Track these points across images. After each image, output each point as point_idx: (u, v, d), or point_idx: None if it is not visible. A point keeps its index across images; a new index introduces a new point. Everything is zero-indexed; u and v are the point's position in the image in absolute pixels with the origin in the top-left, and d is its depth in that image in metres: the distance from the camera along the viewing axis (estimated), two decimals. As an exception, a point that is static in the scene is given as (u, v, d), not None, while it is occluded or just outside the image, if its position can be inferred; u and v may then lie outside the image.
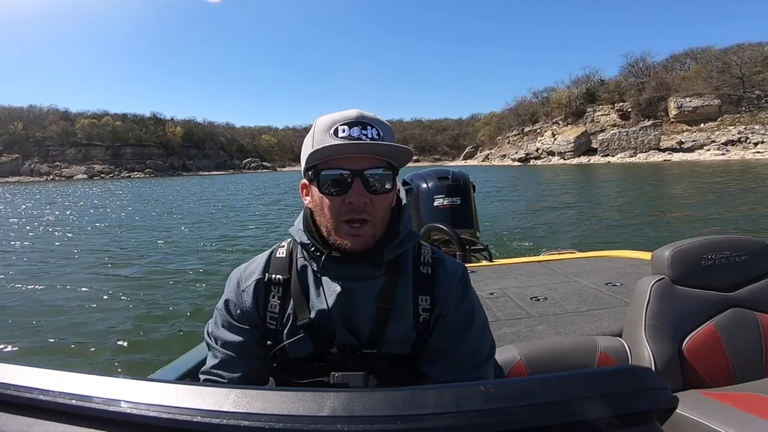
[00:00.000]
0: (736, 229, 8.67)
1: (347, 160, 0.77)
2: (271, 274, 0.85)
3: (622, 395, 0.35)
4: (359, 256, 0.80)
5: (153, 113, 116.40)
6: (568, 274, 2.70)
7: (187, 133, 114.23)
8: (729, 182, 20.15)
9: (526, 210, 13.43)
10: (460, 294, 0.86)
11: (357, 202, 0.76)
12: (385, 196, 0.79)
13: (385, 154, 0.78)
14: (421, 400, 0.34)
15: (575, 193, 19.95)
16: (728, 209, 11.70)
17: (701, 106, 59.71)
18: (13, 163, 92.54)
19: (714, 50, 66.66)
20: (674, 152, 58.88)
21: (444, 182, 3.53)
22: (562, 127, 74.05)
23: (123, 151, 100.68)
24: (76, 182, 75.65)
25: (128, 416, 0.35)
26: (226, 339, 0.85)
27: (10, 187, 59.96)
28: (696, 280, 1.46)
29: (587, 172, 41.80)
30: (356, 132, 0.76)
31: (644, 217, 11.35)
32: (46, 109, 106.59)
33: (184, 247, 9.24)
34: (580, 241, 7.71)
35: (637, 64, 72.71)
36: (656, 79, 67.53)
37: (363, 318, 0.81)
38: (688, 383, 1.37)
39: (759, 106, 56.58)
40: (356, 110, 0.79)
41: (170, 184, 52.46)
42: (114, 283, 6.16)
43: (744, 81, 59.47)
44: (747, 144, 54.36)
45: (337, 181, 0.77)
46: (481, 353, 0.85)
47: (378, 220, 0.79)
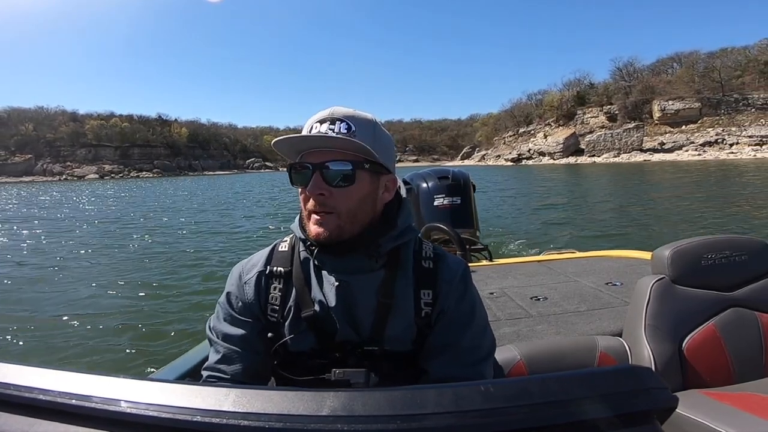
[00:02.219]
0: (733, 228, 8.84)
1: (312, 154, 0.79)
2: (273, 267, 0.86)
3: (621, 395, 0.35)
4: (349, 248, 0.81)
5: (159, 114, 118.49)
6: (568, 273, 2.68)
7: (191, 134, 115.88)
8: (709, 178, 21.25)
9: (512, 209, 13.73)
10: (461, 289, 0.85)
11: (312, 194, 0.78)
12: (346, 189, 0.78)
13: (348, 147, 0.78)
14: (421, 400, 0.34)
15: (560, 191, 20.72)
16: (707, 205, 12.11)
17: (683, 108, 62.16)
18: (26, 164, 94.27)
19: (700, 54, 68.64)
20: (655, 153, 61.51)
21: (444, 182, 3.52)
22: (554, 128, 76.04)
23: (131, 152, 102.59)
24: (89, 182, 76.89)
25: (128, 416, 0.35)
26: (227, 332, 0.85)
27: (24, 186, 61.08)
28: (696, 280, 1.45)
29: (574, 171, 43.24)
30: (324, 128, 0.78)
31: (632, 215, 11.63)
32: (53, 111, 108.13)
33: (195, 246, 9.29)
34: (570, 239, 7.88)
35: (625, 68, 74.82)
36: (642, 83, 69.74)
37: (363, 312, 0.81)
38: (688, 383, 1.36)
39: (737, 109, 59.14)
40: (333, 107, 0.81)
41: (184, 183, 53.38)
42: (114, 283, 6.11)
43: (723, 85, 61.83)
44: (723, 145, 56.91)
45: (301, 175, 0.79)
46: (481, 350, 0.84)
47: (344, 213, 0.79)
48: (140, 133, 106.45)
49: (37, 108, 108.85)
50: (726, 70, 64.27)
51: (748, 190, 16.05)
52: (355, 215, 0.80)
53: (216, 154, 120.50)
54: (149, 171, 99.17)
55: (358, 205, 0.80)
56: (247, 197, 25.37)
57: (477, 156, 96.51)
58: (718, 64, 64.72)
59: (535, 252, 5.72)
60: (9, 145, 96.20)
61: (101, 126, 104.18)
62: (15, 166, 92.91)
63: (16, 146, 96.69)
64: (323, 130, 0.78)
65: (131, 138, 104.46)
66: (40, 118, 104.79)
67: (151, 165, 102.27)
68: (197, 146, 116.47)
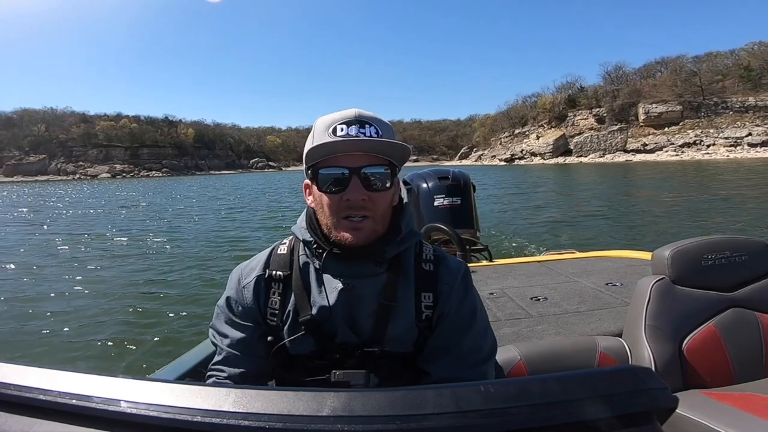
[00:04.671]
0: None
1: (345, 158, 0.76)
2: (272, 270, 0.85)
3: (622, 395, 0.35)
4: (361, 253, 0.79)
5: (165, 115, 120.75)
6: (568, 274, 2.67)
7: (197, 135, 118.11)
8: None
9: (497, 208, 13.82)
10: (462, 291, 0.85)
11: (355, 200, 0.75)
12: (384, 193, 0.78)
13: (383, 152, 0.77)
14: (420, 400, 0.34)
15: (547, 190, 21.34)
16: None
17: (666, 111, 64.98)
18: (40, 163, 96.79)
19: (687, 58, 71.17)
20: (637, 153, 64.36)
21: (444, 182, 3.53)
22: (547, 130, 78.52)
23: (140, 152, 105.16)
24: (103, 181, 78.26)
25: (128, 416, 0.35)
26: (228, 335, 0.84)
27: (39, 185, 61.77)
28: (696, 280, 1.44)
29: (562, 170, 44.97)
30: (354, 130, 0.75)
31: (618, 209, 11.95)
32: (62, 111, 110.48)
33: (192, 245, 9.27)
34: (570, 239, 7.81)
35: (615, 72, 77.79)
36: (629, 87, 72.34)
37: (364, 315, 0.80)
38: (688, 383, 1.35)
39: (716, 112, 62.07)
40: (355, 109, 0.79)
41: (198, 182, 54.59)
42: (114, 283, 6.08)
43: (703, 89, 64.57)
44: (700, 146, 59.71)
45: (336, 179, 0.76)
46: (482, 351, 0.83)
47: (378, 217, 0.78)
48: (148, 134, 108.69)
49: (47, 109, 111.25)
50: (708, 75, 66.81)
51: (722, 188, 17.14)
52: (385, 218, 0.80)
53: (221, 154, 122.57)
54: (158, 170, 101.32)
55: (388, 208, 0.80)
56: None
57: (474, 156, 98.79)
58: (702, 68, 67.18)
59: (535, 252, 5.76)
60: (23, 145, 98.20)
61: (111, 127, 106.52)
62: (30, 166, 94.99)
63: (30, 146, 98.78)
64: (353, 132, 0.76)
65: (140, 138, 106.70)
66: (51, 119, 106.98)
67: (160, 165, 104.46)
68: (203, 146, 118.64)
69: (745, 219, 9.80)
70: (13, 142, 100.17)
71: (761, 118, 58.69)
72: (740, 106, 61.46)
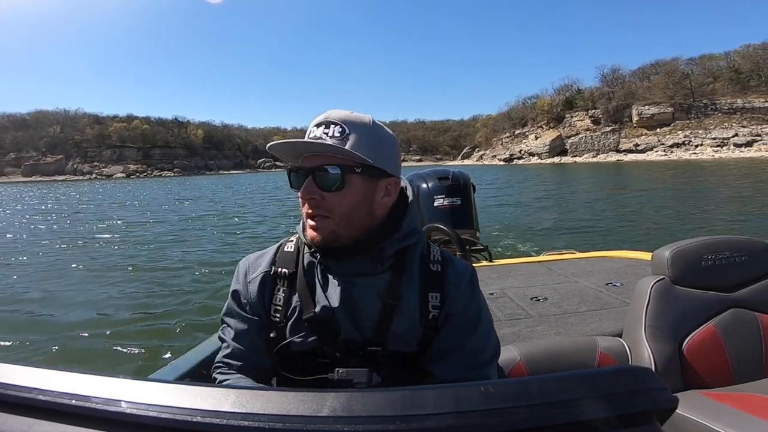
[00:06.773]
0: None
1: (307, 158, 0.78)
2: (278, 268, 0.85)
3: (622, 395, 0.35)
4: (354, 251, 0.80)
5: (175, 116, 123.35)
6: (568, 274, 2.67)
7: (206, 135, 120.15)
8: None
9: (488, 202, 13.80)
10: (469, 293, 0.85)
11: (304, 198, 0.77)
12: (339, 194, 0.76)
13: (337, 152, 0.76)
14: (421, 400, 0.34)
15: (539, 189, 21.54)
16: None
17: (658, 113, 66.80)
18: (57, 164, 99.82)
19: (681, 60, 72.56)
20: (629, 153, 66.32)
21: (444, 182, 3.53)
22: (545, 131, 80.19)
23: (153, 152, 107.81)
24: (119, 180, 79.31)
25: (128, 416, 0.35)
26: (233, 328, 0.85)
27: (57, 185, 62.42)
28: (696, 281, 1.44)
29: (557, 170, 45.81)
30: (319, 131, 0.76)
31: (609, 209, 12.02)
32: (74, 113, 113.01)
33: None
34: (570, 240, 7.68)
35: (611, 74, 79.70)
36: (624, 89, 74.18)
37: (367, 314, 0.80)
38: (688, 383, 1.34)
39: (705, 114, 64.03)
40: (329, 111, 0.79)
41: (221, 181, 54.93)
42: (115, 282, 6.05)
43: (694, 91, 66.26)
44: (689, 146, 61.47)
45: (298, 179, 0.79)
46: (485, 353, 0.83)
47: (338, 217, 0.78)
48: (159, 135, 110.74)
49: (60, 110, 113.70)
50: (699, 78, 68.38)
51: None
52: (350, 220, 0.79)
53: (230, 155, 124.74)
54: (170, 170, 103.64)
55: (352, 209, 0.79)
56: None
57: (476, 156, 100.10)
58: (695, 71, 68.59)
59: (535, 252, 5.75)
60: (39, 146, 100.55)
61: (124, 128, 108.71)
62: (47, 166, 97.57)
63: (47, 147, 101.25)
64: (318, 134, 0.76)
65: (152, 139, 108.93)
66: (65, 120, 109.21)
67: (172, 165, 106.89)
68: (212, 147, 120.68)
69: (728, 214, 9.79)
70: (30, 143, 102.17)
71: (748, 119, 60.29)
72: (729, 108, 62.94)
